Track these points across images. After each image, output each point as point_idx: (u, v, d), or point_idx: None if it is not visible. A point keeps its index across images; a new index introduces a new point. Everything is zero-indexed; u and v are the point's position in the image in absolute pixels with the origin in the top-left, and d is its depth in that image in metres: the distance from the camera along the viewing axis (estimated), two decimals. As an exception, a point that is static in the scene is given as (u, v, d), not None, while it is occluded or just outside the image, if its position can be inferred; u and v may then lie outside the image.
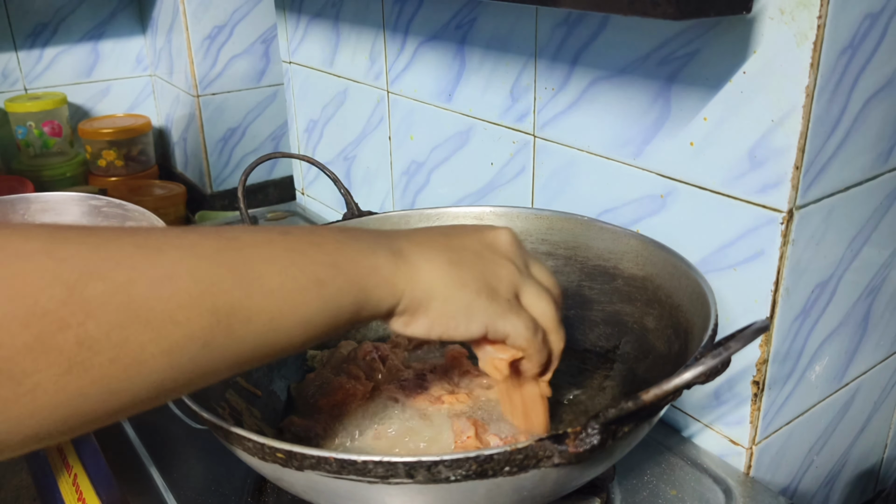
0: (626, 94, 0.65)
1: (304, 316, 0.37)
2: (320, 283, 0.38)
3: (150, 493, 0.62)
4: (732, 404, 0.63)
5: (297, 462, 0.41)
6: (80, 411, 0.31)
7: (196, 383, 0.35)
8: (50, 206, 0.92)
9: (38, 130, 1.55)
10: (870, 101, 0.57)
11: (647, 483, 0.61)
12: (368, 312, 0.40)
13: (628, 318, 0.62)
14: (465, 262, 0.43)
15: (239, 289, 0.35)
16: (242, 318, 0.35)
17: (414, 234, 0.45)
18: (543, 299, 0.46)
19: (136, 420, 0.71)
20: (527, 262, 0.47)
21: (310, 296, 0.37)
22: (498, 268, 0.45)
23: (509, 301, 0.44)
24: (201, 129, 1.50)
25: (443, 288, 0.42)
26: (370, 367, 0.63)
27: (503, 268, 0.45)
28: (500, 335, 0.44)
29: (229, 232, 0.37)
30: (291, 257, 0.37)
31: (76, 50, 1.62)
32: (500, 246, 0.46)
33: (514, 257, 0.46)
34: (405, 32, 0.90)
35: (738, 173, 0.57)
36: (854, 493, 0.79)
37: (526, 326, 0.45)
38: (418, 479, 0.39)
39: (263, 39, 1.51)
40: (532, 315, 0.45)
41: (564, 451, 0.40)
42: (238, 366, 0.36)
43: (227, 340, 0.34)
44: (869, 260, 0.65)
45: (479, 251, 0.45)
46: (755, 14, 0.53)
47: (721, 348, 0.40)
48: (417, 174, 0.96)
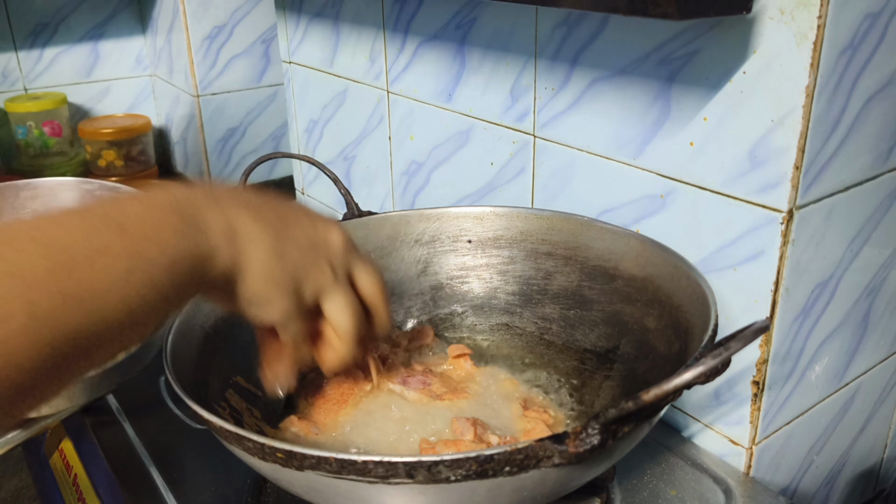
0: (626, 94, 0.65)
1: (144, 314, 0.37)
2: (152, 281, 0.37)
3: (151, 494, 0.62)
4: (732, 404, 0.63)
5: (297, 462, 0.41)
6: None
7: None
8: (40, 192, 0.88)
9: (38, 130, 1.55)
10: (870, 101, 0.57)
11: (647, 483, 0.61)
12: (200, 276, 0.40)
13: (628, 318, 0.62)
14: (286, 255, 0.44)
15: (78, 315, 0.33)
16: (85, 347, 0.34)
17: (253, 207, 0.44)
18: (345, 313, 0.48)
19: (136, 420, 0.71)
20: (349, 266, 0.49)
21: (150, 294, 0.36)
22: (312, 270, 0.46)
23: (308, 306, 0.47)
24: (201, 129, 1.50)
25: (257, 276, 0.43)
26: (369, 367, 0.63)
27: (317, 271, 0.46)
28: (285, 334, 0.48)
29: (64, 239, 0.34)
30: (128, 264, 0.36)
31: (76, 50, 1.62)
32: (326, 247, 0.47)
33: (334, 261, 0.47)
34: (405, 32, 0.90)
35: (738, 173, 0.57)
36: (854, 493, 0.79)
37: (300, 335, 0.48)
38: (418, 479, 0.39)
39: (263, 39, 1.51)
40: (331, 323, 0.48)
41: (565, 451, 0.40)
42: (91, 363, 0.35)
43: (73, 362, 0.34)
44: (869, 260, 0.65)
45: (304, 248, 0.46)
46: (755, 14, 0.53)
47: (721, 348, 0.40)
48: (417, 174, 0.96)
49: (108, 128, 1.58)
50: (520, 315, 0.70)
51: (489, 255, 0.71)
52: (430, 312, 0.72)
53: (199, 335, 0.57)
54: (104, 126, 1.59)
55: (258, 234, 0.43)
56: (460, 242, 0.71)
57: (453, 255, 0.72)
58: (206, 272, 0.41)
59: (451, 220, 0.71)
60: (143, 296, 0.36)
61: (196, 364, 0.55)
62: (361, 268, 0.50)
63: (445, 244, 0.72)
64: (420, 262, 0.72)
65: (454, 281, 0.72)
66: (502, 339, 0.70)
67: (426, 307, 0.72)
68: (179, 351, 0.53)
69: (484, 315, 0.71)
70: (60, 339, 0.32)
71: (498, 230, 0.70)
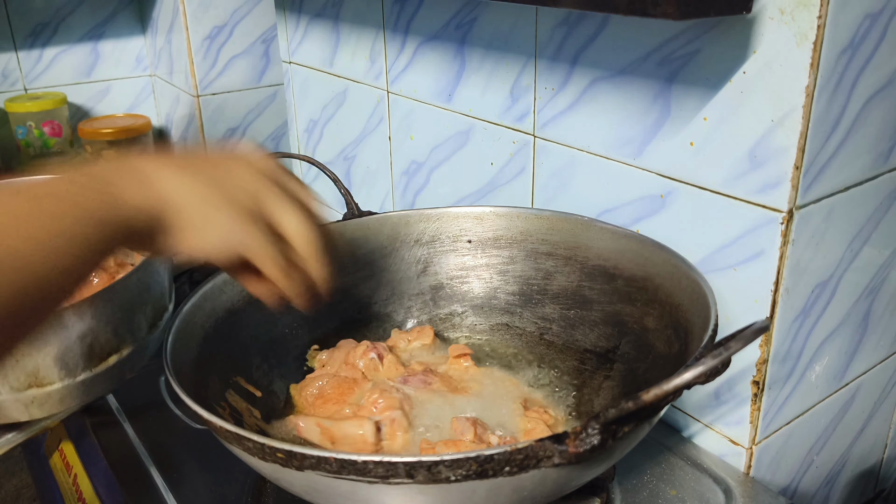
0: (626, 94, 0.65)
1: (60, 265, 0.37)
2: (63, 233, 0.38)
3: (151, 494, 0.62)
4: (732, 404, 0.63)
5: (298, 462, 0.41)
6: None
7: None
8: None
9: (38, 130, 1.55)
10: (870, 101, 0.57)
11: (647, 483, 0.61)
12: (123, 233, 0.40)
13: (628, 318, 0.62)
14: (206, 176, 0.43)
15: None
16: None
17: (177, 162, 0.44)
18: (302, 221, 0.45)
19: (136, 420, 0.71)
20: (283, 180, 0.46)
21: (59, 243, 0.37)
22: (242, 180, 0.44)
23: (251, 212, 0.44)
24: (201, 129, 1.50)
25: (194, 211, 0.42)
26: (369, 367, 0.63)
27: (248, 180, 0.44)
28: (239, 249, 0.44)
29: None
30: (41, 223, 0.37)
31: (76, 50, 1.62)
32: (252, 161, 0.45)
33: (266, 172, 0.45)
34: (405, 32, 0.90)
35: (738, 173, 0.57)
36: (854, 493, 0.79)
37: (267, 241, 0.44)
38: (418, 479, 0.39)
39: (263, 39, 1.51)
40: (291, 236, 0.45)
41: (565, 451, 0.40)
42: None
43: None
44: (869, 260, 0.65)
45: (240, 174, 0.44)
46: (755, 14, 0.53)
47: (721, 348, 0.40)
48: (417, 174, 0.96)
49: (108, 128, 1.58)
50: (520, 315, 0.70)
51: (489, 255, 0.71)
52: (430, 312, 0.72)
53: (198, 335, 0.57)
54: (104, 126, 1.59)
55: (181, 178, 0.42)
56: (460, 242, 0.71)
57: (453, 255, 0.72)
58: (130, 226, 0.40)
59: (451, 220, 0.71)
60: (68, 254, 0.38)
61: (196, 364, 0.55)
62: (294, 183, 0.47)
63: (445, 244, 0.72)
64: (420, 262, 0.72)
65: (454, 281, 0.72)
66: (502, 339, 0.70)
67: (426, 307, 0.72)
68: (179, 351, 0.53)
69: (484, 315, 0.71)
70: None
71: (498, 230, 0.70)
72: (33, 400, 0.62)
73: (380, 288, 0.72)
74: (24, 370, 0.60)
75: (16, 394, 0.61)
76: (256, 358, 0.63)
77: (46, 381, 0.61)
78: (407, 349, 0.67)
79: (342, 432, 0.53)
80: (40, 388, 0.61)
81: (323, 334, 0.69)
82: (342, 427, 0.53)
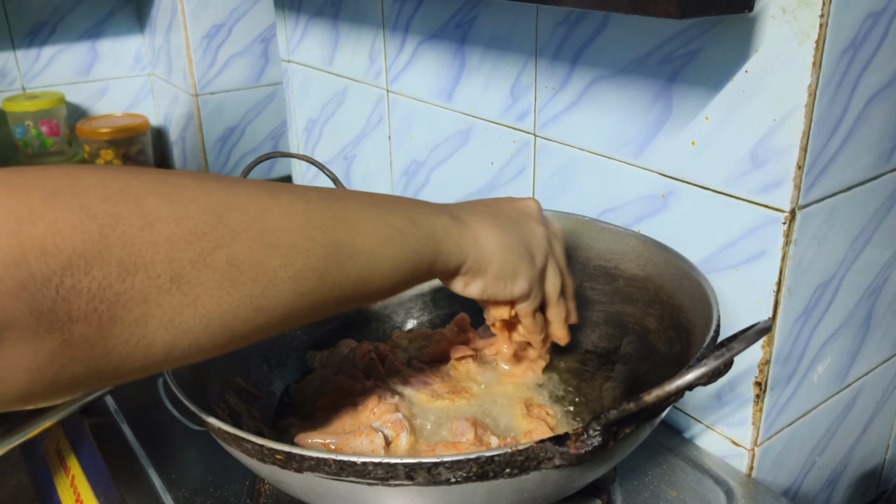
0: (627, 94, 0.64)
1: (395, 259, 0.43)
2: (403, 234, 0.44)
3: (148, 495, 0.62)
4: (734, 405, 0.63)
5: (297, 463, 0.40)
6: (232, 324, 0.36)
7: (314, 313, 0.41)
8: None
9: (35, 130, 1.55)
10: (872, 101, 0.56)
11: (648, 484, 0.61)
12: (440, 267, 0.46)
13: (630, 318, 0.61)
14: (509, 228, 0.50)
15: (343, 230, 0.41)
16: (347, 255, 0.41)
17: (461, 205, 0.51)
18: (557, 281, 0.54)
19: (134, 421, 0.71)
20: (550, 228, 0.55)
21: (396, 243, 0.43)
22: (534, 232, 0.52)
23: (548, 260, 0.52)
24: (200, 129, 1.50)
25: (499, 252, 0.48)
26: (369, 367, 0.63)
27: (537, 234, 0.52)
28: (539, 296, 0.52)
29: (326, 188, 0.44)
30: (377, 211, 0.44)
31: (74, 49, 1.62)
32: (533, 212, 0.53)
33: (543, 223, 0.53)
34: (405, 31, 0.89)
35: (739, 173, 0.57)
36: (856, 495, 0.78)
37: (555, 288, 0.53)
38: (418, 480, 0.39)
39: (262, 38, 1.50)
40: (544, 289, 0.53)
41: (566, 452, 0.39)
42: (344, 300, 0.42)
43: (336, 273, 0.40)
44: (871, 260, 0.64)
45: (516, 219, 0.51)
46: (757, 13, 0.53)
47: (723, 349, 0.39)
48: (417, 174, 0.95)
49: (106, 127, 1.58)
50: (520, 315, 0.69)
51: (489, 255, 0.70)
52: (430, 313, 0.72)
53: (197, 336, 0.57)
54: (102, 125, 1.58)
55: (478, 219, 0.49)
56: (460, 242, 0.71)
57: (453, 255, 0.71)
58: (445, 265, 0.47)
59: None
60: (406, 271, 0.44)
61: (194, 365, 0.54)
62: (555, 231, 0.56)
63: (445, 244, 0.71)
64: (420, 262, 0.72)
65: (454, 281, 0.72)
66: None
67: (426, 308, 0.72)
68: (178, 351, 0.52)
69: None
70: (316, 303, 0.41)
71: (498, 230, 0.70)
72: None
73: (379, 288, 0.71)
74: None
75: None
76: (256, 358, 0.63)
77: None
78: (408, 349, 0.67)
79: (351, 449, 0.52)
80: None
81: (323, 334, 0.68)
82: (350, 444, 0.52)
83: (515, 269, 0.49)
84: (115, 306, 0.32)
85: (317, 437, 0.54)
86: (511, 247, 0.49)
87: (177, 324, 0.34)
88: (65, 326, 0.31)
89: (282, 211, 0.38)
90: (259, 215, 0.37)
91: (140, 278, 0.32)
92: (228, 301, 0.36)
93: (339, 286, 0.41)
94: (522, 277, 0.50)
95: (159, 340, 0.34)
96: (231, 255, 0.35)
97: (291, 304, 0.39)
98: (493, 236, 0.48)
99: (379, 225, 0.43)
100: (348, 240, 0.41)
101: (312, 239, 0.39)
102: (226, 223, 0.36)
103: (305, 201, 0.40)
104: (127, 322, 0.32)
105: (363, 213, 0.43)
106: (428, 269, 0.46)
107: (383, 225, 0.43)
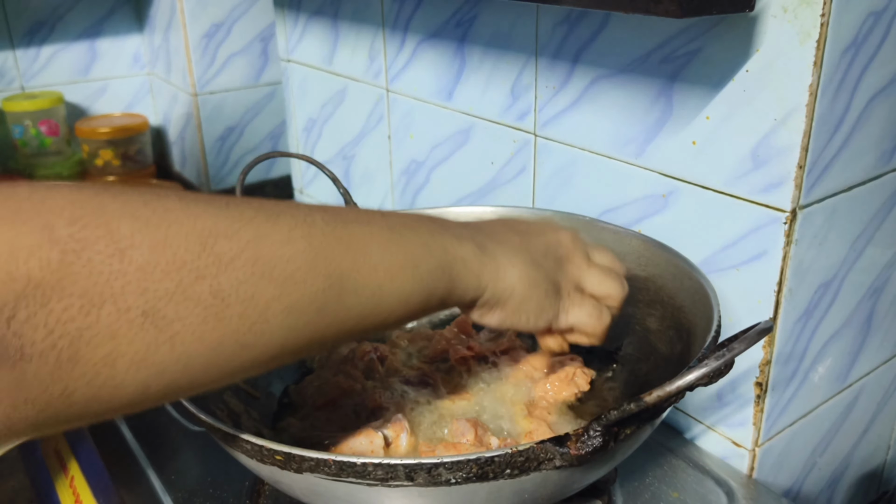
0: (628, 93, 0.64)
1: (403, 293, 0.40)
2: (415, 264, 0.40)
3: (148, 496, 0.61)
4: (735, 406, 0.63)
5: (296, 464, 0.40)
6: (215, 363, 0.33)
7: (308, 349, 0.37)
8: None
9: (34, 129, 1.55)
10: (873, 100, 0.56)
11: (648, 485, 0.61)
12: (455, 299, 0.43)
13: (630, 319, 0.61)
14: (537, 263, 0.46)
15: (348, 259, 0.37)
16: (350, 288, 0.37)
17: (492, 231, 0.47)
18: (606, 280, 0.50)
19: (133, 422, 0.71)
20: (588, 253, 0.51)
21: (407, 274, 0.39)
22: (563, 267, 0.48)
23: (570, 295, 0.48)
24: (199, 128, 1.50)
25: (521, 287, 0.45)
26: (369, 368, 0.63)
27: (567, 266, 0.49)
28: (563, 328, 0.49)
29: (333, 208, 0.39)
30: (391, 236, 0.40)
31: (73, 48, 1.61)
32: (564, 246, 0.50)
33: (575, 254, 0.50)
34: (405, 30, 0.89)
35: (740, 172, 0.57)
36: (857, 495, 0.78)
37: (588, 314, 0.48)
38: (418, 481, 0.39)
39: (262, 37, 1.50)
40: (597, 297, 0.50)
41: (566, 453, 0.39)
42: (343, 335, 0.38)
43: (337, 307, 0.37)
44: (872, 260, 0.64)
45: (546, 252, 0.48)
46: (758, 12, 0.53)
47: (724, 350, 0.39)
48: (417, 173, 0.95)
49: (106, 127, 1.57)
50: (520, 315, 0.69)
51: (489, 254, 0.70)
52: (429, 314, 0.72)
53: (196, 336, 0.56)
54: (101, 125, 1.58)
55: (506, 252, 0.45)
56: (460, 242, 0.71)
57: (453, 255, 0.71)
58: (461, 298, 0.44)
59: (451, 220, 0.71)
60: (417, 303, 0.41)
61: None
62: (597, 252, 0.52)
63: (445, 244, 0.71)
64: (419, 262, 0.71)
65: (454, 281, 0.71)
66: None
67: (426, 307, 0.72)
68: (176, 352, 0.52)
69: (484, 315, 0.70)
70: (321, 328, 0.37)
71: (498, 230, 0.70)
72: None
73: (379, 288, 0.71)
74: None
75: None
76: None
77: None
78: (407, 349, 0.67)
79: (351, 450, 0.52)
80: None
81: (322, 335, 0.68)
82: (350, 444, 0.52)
83: (539, 304, 0.46)
84: (77, 343, 0.28)
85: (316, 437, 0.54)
86: (536, 282, 0.46)
87: (150, 363, 0.30)
88: (16, 365, 0.27)
89: (280, 237, 0.35)
90: (252, 242, 0.33)
91: (107, 311, 0.29)
92: (212, 338, 0.32)
93: (340, 321, 0.37)
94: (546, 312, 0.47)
95: (130, 381, 0.30)
96: (216, 286, 0.32)
97: (283, 341, 0.35)
98: (518, 271, 0.45)
99: (389, 254, 0.39)
100: (353, 271, 0.37)
101: (313, 269, 0.35)
102: (211, 251, 0.32)
103: (308, 226, 0.36)
104: (92, 361, 0.29)
105: (373, 238, 0.39)
106: (440, 302, 0.42)
107: (396, 253, 0.39)
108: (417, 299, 0.40)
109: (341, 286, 0.36)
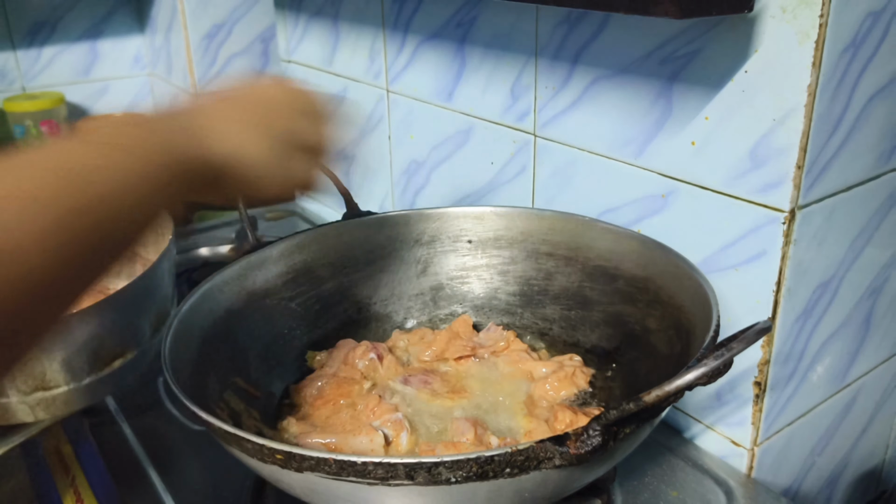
0: (628, 94, 0.64)
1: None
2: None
3: (149, 496, 0.62)
4: (734, 405, 0.63)
5: (297, 463, 0.40)
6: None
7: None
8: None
9: (36, 130, 1.55)
10: (872, 100, 0.56)
11: (647, 484, 0.61)
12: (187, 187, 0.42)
13: (630, 318, 0.61)
14: (261, 125, 0.46)
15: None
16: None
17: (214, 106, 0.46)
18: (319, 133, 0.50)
19: (134, 422, 0.71)
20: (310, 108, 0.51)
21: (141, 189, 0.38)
22: (285, 119, 0.48)
23: (297, 148, 0.48)
24: (200, 129, 1.50)
25: (244, 152, 0.44)
26: (369, 367, 0.63)
27: (290, 118, 0.48)
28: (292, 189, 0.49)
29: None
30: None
31: (74, 49, 1.62)
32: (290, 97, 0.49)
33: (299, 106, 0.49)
34: (405, 31, 0.89)
35: (739, 173, 0.57)
36: (856, 495, 0.78)
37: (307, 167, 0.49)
38: (418, 480, 0.39)
39: (263, 38, 1.50)
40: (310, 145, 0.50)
41: (566, 452, 0.39)
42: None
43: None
44: (871, 260, 0.64)
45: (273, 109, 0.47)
46: (757, 13, 0.53)
47: (723, 349, 0.39)
48: (417, 174, 0.95)
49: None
50: (520, 316, 0.70)
51: (489, 255, 0.70)
52: (430, 313, 0.72)
53: (197, 336, 0.57)
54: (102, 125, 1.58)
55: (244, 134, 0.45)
56: (460, 243, 0.71)
57: (453, 256, 0.71)
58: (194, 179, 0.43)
59: (451, 221, 0.71)
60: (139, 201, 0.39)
61: (194, 365, 0.54)
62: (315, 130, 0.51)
63: (445, 244, 0.71)
64: (420, 263, 0.72)
65: (454, 281, 0.72)
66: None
67: (426, 308, 0.72)
68: (178, 352, 0.53)
69: (485, 315, 0.71)
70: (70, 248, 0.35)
71: (498, 230, 0.70)
72: (39, 402, 0.62)
73: (379, 288, 0.71)
74: (32, 374, 0.60)
75: (22, 396, 0.61)
76: (255, 358, 0.63)
77: (52, 384, 0.61)
78: (407, 349, 0.67)
79: (351, 448, 0.52)
80: (46, 391, 0.61)
81: (322, 335, 0.68)
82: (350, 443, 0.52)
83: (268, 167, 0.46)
84: None
85: (317, 436, 0.54)
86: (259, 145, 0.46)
87: None
88: None
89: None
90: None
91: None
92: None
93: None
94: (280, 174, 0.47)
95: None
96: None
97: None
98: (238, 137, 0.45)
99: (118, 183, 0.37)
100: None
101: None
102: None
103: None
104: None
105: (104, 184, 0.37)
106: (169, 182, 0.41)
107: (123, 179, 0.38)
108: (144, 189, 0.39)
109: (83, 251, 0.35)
